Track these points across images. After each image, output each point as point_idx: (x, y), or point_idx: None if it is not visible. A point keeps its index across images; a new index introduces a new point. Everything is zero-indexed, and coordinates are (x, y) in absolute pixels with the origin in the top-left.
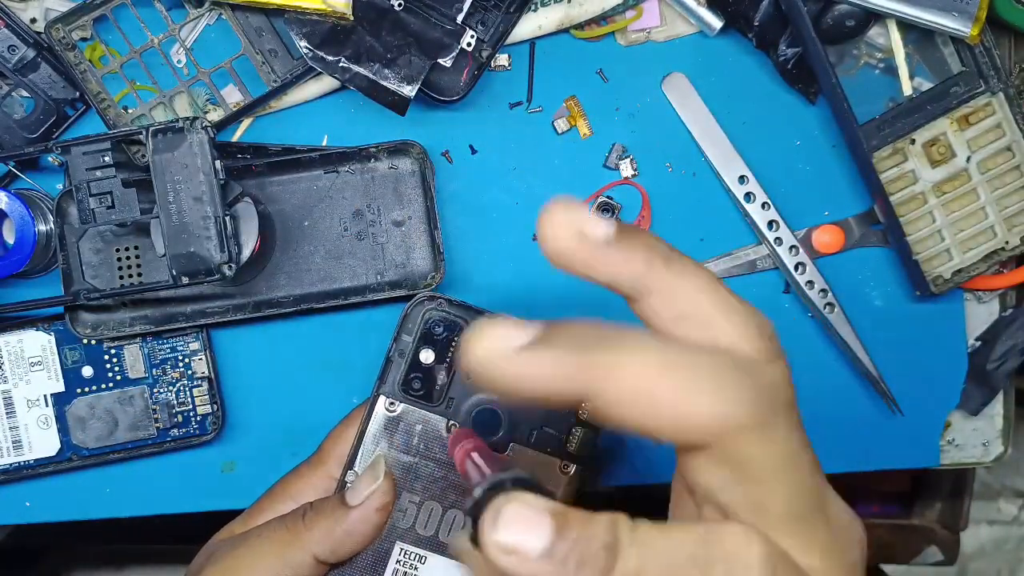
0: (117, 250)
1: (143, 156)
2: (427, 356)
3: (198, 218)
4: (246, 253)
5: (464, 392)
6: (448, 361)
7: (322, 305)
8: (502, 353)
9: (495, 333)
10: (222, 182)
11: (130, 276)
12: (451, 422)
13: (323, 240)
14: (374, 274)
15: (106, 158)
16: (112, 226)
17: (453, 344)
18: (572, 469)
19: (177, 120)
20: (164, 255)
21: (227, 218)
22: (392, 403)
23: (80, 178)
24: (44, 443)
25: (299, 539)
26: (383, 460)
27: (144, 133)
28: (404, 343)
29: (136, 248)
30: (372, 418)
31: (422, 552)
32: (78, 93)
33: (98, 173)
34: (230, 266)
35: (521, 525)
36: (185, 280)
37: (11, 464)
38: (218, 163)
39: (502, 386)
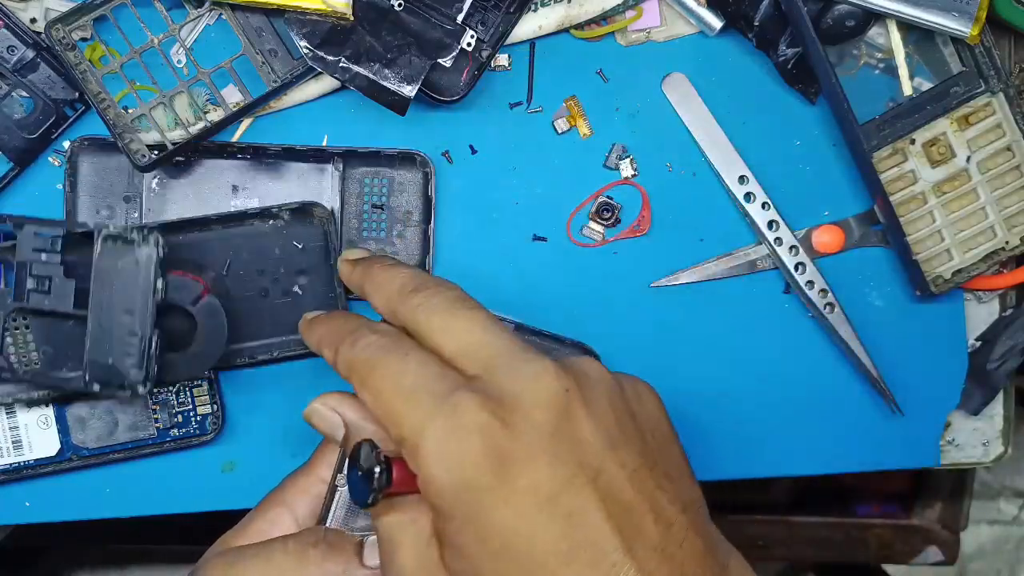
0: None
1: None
2: None
3: (125, 332)
4: (218, 350)
5: None
6: None
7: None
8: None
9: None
10: (159, 301)
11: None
12: None
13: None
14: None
15: (56, 245)
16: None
17: None
18: None
19: (131, 230)
20: (83, 359)
21: (153, 338)
22: None
23: (24, 257)
24: (44, 443)
25: (302, 570)
26: None
27: (96, 234)
28: None
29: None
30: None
31: None
32: (77, 94)
33: (43, 256)
34: (144, 385)
35: None
36: (96, 387)
37: (11, 464)
38: (160, 282)
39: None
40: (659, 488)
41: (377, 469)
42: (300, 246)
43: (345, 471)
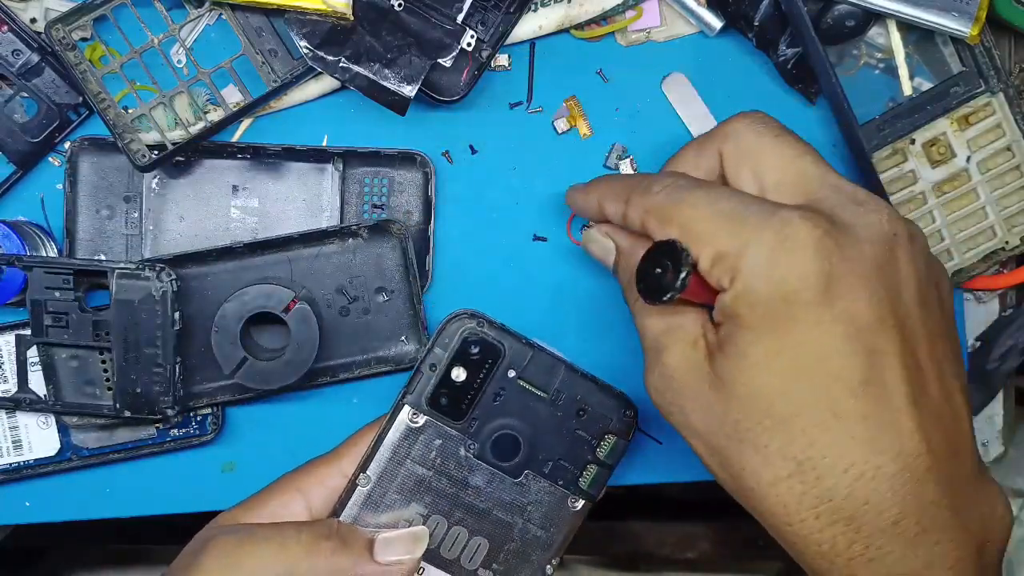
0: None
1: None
2: (459, 374)
3: (150, 363)
4: (309, 356)
5: (489, 414)
6: (479, 381)
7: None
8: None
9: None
10: (178, 329)
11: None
12: (470, 442)
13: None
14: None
15: (66, 282)
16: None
17: (487, 365)
18: (580, 505)
19: (143, 267)
20: (111, 388)
21: (176, 367)
22: (416, 414)
23: (38, 296)
24: (44, 443)
25: (312, 560)
26: (427, 538)
27: (110, 274)
28: (436, 356)
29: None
30: (393, 426)
31: (422, 564)
32: (81, 98)
33: (57, 294)
34: (173, 409)
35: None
36: (127, 413)
37: (11, 464)
38: (177, 314)
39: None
40: (947, 360)
41: (685, 270)
42: (379, 263)
43: (632, 279)
